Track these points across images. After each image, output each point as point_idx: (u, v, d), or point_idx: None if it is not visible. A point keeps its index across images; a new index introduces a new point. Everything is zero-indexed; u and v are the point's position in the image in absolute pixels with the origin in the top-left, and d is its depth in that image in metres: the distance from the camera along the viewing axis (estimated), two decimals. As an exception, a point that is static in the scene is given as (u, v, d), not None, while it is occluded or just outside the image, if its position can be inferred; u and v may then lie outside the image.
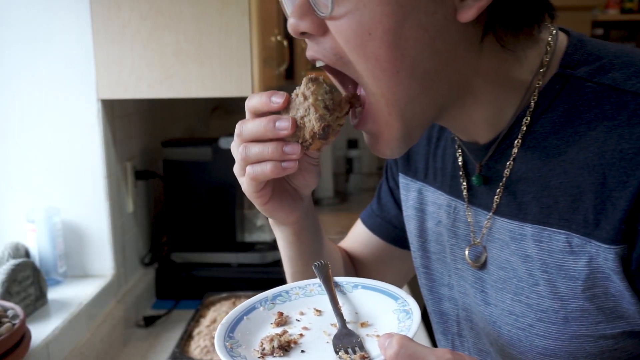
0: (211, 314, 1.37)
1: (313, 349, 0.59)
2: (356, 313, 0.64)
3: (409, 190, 0.80)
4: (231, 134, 0.69)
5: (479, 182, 0.67)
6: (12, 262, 1.20)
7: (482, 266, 0.67)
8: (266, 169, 0.62)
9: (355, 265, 0.94)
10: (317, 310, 0.66)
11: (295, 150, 0.61)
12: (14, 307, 1.05)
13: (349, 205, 2.90)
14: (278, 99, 0.62)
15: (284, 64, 1.83)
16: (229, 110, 3.01)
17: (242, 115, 0.68)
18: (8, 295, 1.16)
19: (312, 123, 0.61)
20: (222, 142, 1.65)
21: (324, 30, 0.58)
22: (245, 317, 0.64)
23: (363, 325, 0.62)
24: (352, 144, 3.04)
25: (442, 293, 0.77)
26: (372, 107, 0.60)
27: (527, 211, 0.61)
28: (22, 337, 1.00)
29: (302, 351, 0.59)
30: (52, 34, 1.33)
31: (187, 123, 2.30)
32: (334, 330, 0.61)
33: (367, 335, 0.60)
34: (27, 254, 1.34)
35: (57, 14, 1.33)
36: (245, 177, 0.65)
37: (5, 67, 1.34)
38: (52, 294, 1.32)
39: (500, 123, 0.63)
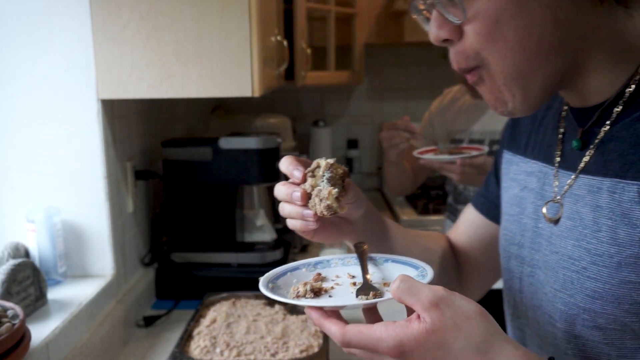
0: (211, 314, 1.37)
1: (339, 295, 0.73)
2: (382, 279, 0.76)
3: (511, 163, 0.89)
4: (231, 134, 0.70)
5: (578, 145, 0.73)
6: (12, 262, 1.20)
7: (557, 221, 0.74)
8: (297, 226, 0.74)
9: (459, 252, 1.01)
10: (350, 275, 0.79)
11: (309, 216, 0.72)
12: (13, 307, 1.05)
13: (349, 205, 2.90)
14: (298, 175, 0.73)
15: (284, 64, 1.84)
16: (229, 110, 3.01)
17: (241, 115, 0.69)
18: (8, 295, 1.16)
19: (321, 207, 0.72)
20: (222, 142, 1.65)
21: (460, 34, 0.67)
22: (289, 273, 0.79)
23: (385, 284, 0.73)
24: (352, 144, 3.04)
25: (511, 252, 0.84)
26: (490, 83, 0.69)
27: (610, 167, 0.67)
28: (22, 337, 1.00)
29: (330, 296, 0.73)
30: (52, 34, 1.34)
31: (187, 123, 2.30)
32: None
33: (387, 291, 0.70)
34: (27, 254, 1.34)
35: (57, 14, 1.33)
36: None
37: (5, 67, 1.34)
38: (52, 294, 1.32)
39: (611, 89, 0.69)
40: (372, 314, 0.67)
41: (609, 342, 0.67)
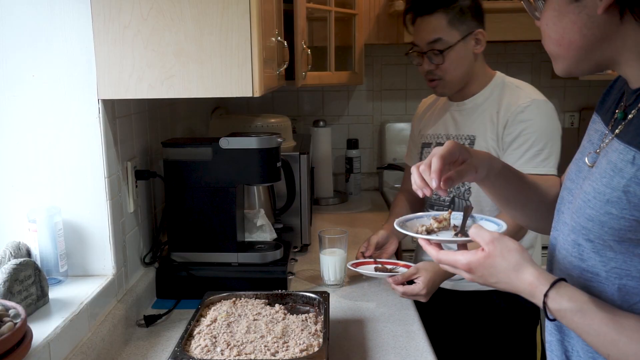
0: (212, 313, 1.38)
1: (443, 235, 1.13)
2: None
3: (593, 122, 1.10)
4: (231, 134, 0.71)
5: (621, 116, 0.98)
6: (14, 261, 1.21)
7: (592, 167, 1.00)
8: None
9: None
10: (455, 226, 1.15)
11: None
12: (15, 307, 1.05)
13: (349, 205, 2.90)
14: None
15: (284, 64, 1.84)
16: (229, 110, 3.01)
17: (241, 115, 0.69)
18: (10, 294, 1.16)
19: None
20: (223, 142, 1.65)
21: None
22: (415, 219, 1.18)
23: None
24: (352, 143, 3.04)
25: (566, 184, 1.09)
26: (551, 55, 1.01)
27: (627, 136, 0.92)
28: (23, 336, 1.01)
29: (437, 235, 1.13)
30: (53, 34, 1.34)
31: (188, 123, 2.30)
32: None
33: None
34: (28, 253, 1.35)
35: (59, 14, 1.33)
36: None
37: (6, 67, 1.34)
38: (53, 293, 1.33)
39: None
40: (461, 248, 1.06)
41: (595, 251, 0.96)
